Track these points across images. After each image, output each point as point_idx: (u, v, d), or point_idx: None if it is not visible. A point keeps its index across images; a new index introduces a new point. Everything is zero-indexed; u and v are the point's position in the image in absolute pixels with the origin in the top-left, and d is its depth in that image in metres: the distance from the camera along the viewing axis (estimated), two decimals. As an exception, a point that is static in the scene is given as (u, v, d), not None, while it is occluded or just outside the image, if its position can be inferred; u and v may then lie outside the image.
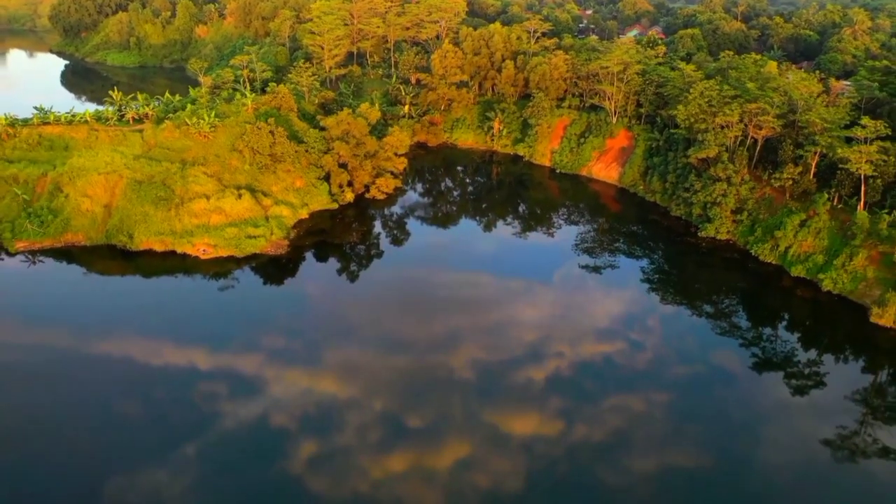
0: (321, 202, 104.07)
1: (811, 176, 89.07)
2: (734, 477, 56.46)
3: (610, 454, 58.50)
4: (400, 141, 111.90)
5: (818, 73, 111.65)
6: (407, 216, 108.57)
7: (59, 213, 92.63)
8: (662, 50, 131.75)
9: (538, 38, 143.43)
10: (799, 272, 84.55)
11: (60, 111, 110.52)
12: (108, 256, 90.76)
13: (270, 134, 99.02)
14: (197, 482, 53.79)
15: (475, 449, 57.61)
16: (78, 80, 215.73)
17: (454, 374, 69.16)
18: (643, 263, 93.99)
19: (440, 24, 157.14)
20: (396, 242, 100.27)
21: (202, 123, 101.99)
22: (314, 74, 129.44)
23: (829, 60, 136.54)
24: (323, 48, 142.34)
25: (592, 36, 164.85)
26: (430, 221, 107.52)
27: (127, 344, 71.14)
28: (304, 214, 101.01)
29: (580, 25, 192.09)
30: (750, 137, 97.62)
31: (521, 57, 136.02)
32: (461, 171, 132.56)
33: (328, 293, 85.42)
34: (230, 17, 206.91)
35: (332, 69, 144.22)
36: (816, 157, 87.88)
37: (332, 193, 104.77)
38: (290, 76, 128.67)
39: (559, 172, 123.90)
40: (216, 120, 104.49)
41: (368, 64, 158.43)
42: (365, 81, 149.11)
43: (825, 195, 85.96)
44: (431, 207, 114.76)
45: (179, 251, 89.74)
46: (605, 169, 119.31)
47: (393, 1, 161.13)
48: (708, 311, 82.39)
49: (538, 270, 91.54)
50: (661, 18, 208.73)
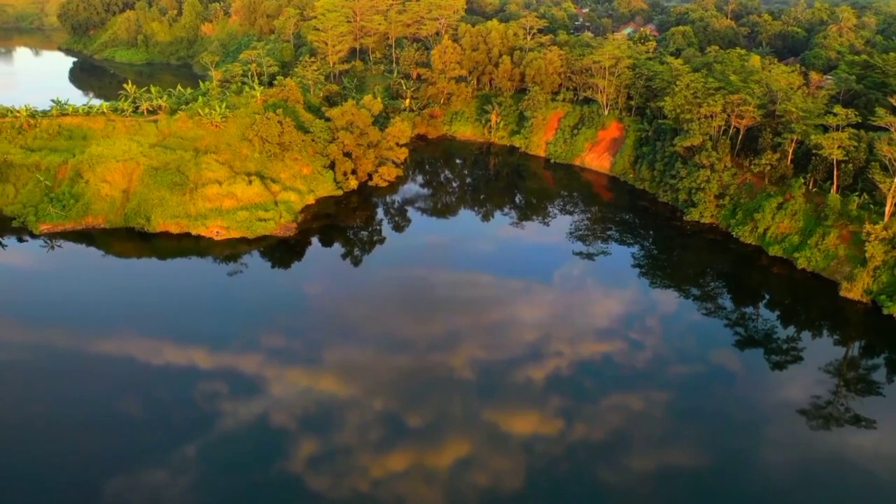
0: (327, 189, 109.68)
1: (788, 162, 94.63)
2: (716, 438, 60.88)
3: (600, 427, 63.80)
4: (401, 131, 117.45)
5: (799, 66, 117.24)
6: (408, 203, 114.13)
7: (79, 197, 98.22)
8: (653, 45, 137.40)
9: (534, 34, 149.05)
10: (776, 252, 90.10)
11: (76, 104, 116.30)
12: (126, 238, 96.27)
13: (279, 124, 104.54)
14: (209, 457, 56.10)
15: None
16: (86, 76, 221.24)
17: (452, 349, 74.81)
18: (633, 248, 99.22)
19: (440, 21, 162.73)
20: (398, 228, 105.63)
21: (214, 114, 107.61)
22: (319, 69, 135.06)
23: (813, 56, 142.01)
24: (327, 44, 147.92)
25: (587, 32, 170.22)
26: (429, 209, 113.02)
27: (144, 322, 76.83)
28: (310, 200, 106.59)
29: (576, 23, 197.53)
30: (732, 127, 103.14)
31: (517, 52, 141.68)
32: (460, 161, 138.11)
33: (333, 272, 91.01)
34: (235, 15, 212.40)
35: (335, 64, 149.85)
36: (793, 144, 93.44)
37: (336, 181, 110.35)
38: (296, 70, 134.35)
39: (553, 162, 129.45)
40: (227, 111, 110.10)
41: (371, 60, 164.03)
42: (367, 76, 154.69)
43: (801, 180, 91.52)
44: (431, 196, 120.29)
45: (194, 233, 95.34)
46: (597, 159, 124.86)
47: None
48: (695, 293, 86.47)
49: (534, 258, 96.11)
50: (655, 16, 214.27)
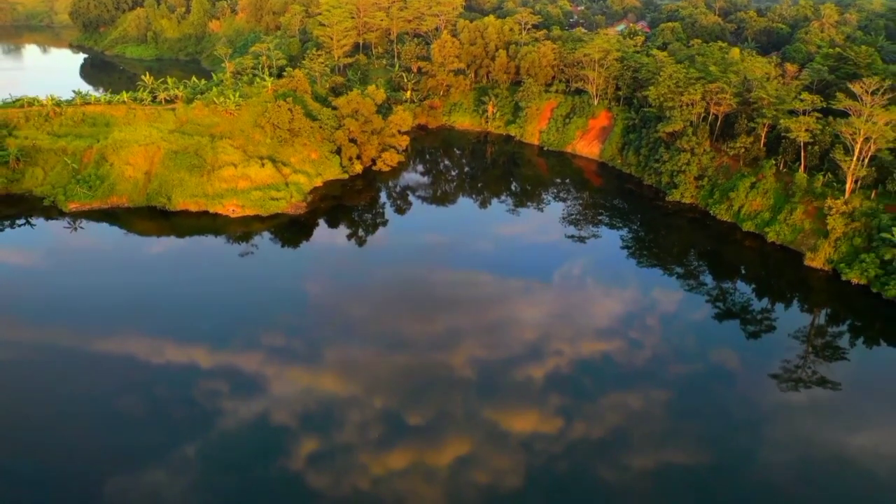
0: (333, 172, 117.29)
1: (761, 145, 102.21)
2: (692, 398, 67.43)
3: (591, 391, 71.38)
4: (403, 119, 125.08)
5: (776, 58, 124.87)
6: (409, 187, 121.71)
7: (105, 179, 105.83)
8: (641, 40, 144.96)
9: (529, 29, 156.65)
10: (749, 227, 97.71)
11: (97, 95, 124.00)
12: (148, 217, 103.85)
13: (289, 111, 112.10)
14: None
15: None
16: (96, 72, 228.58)
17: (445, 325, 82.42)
18: (622, 230, 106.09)
19: (440, 17, 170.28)
20: (400, 211, 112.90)
21: (228, 102, 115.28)
22: (325, 62, 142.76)
23: (794, 50, 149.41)
24: (332, 39, 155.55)
25: (579, 28, 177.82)
26: (430, 192, 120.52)
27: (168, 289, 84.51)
28: (318, 182, 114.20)
29: (571, 20, 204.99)
30: (711, 113, 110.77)
31: (512, 46, 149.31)
32: (458, 150, 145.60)
33: (339, 248, 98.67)
34: (242, 12, 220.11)
35: (340, 58, 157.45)
36: (765, 128, 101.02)
37: (342, 165, 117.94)
38: (303, 63, 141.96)
39: (546, 150, 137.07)
40: (240, 100, 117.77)
41: (373, 54, 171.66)
42: (370, 70, 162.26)
43: (772, 161, 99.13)
44: (431, 180, 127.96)
45: (212, 211, 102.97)
46: (587, 146, 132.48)
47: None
48: (678, 271, 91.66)
49: (529, 241, 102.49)
50: (647, 14, 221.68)
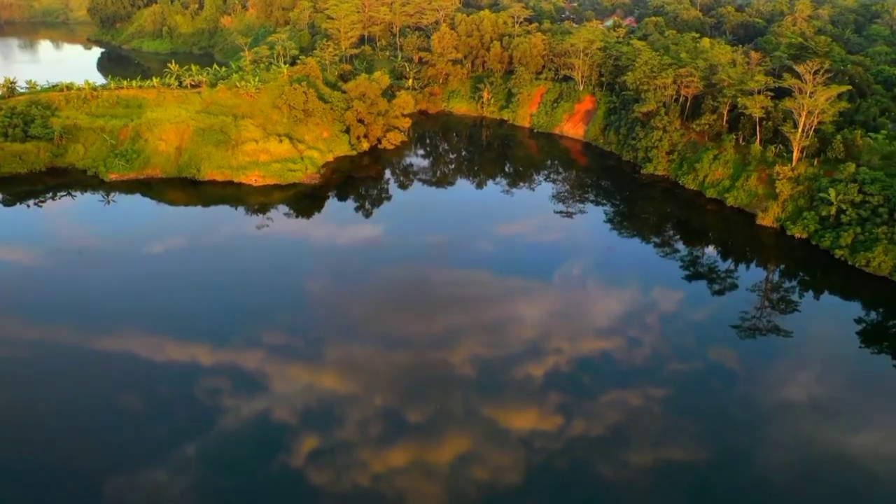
0: (343, 149, 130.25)
1: (723, 122, 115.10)
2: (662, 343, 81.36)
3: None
4: (406, 102, 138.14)
5: (741, 47, 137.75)
6: (411, 164, 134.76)
7: (140, 153, 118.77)
8: (623, 31, 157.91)
9: (521, 22, 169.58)
10: (712, 194, 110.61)
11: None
12: (179, 186, 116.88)
13: (303, 94, 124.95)
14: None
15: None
16: (113, 65, 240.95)
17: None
18: (603, 201, 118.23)
19: (439, 11, 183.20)
20: (402, 186, 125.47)
21: (249, 86, 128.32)
22: (334, 51, 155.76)
23: (765, 41, 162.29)
24: (340, 31, 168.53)
25: (567, 21, 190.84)
26: (430, 170, 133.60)
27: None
28: (329, 158, 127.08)
29: (562, 15, 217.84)
30: (681, 95, 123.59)
31: (506, 38, 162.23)
32: (456, 132, 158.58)
33: (348, 211, 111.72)
34: (252, 8, 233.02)
35: (347, 49, 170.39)
36: (727, 107, 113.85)
37: (351, 143, 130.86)
38: (314, 52, 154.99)
39: (536, 132, 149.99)
40: (259, 84, 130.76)
41: (378, 46, 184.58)
42: (375, 60, 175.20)
43: (732, 136, 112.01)
44: (431, 159, 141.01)
45: (236, 181, 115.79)
46: (573, 127, 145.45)
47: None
48: (655, 240, 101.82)
49: (519, 214, 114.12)
50: (635, 10, 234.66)
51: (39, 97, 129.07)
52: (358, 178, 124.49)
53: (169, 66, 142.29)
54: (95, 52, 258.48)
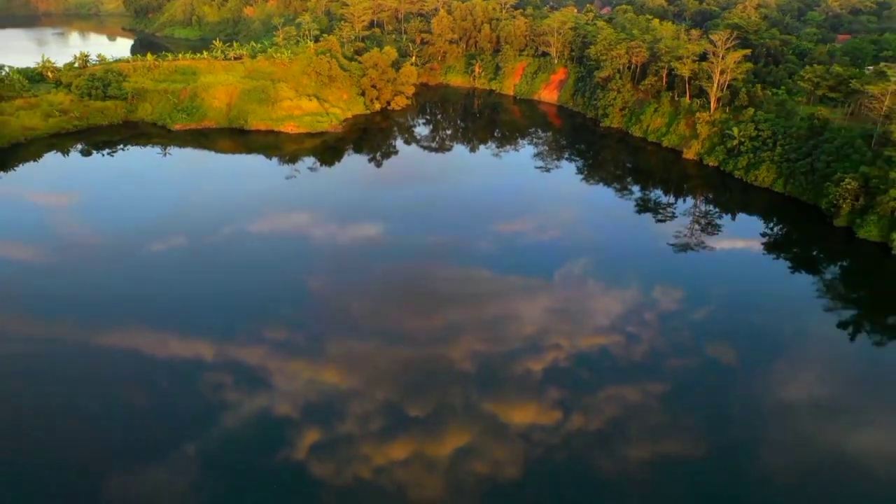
0: (359, 109, 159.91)
1: (662, 82, 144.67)
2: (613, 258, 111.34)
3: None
4: (410, 72, 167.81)
5: (683, 25, 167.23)
6: (413, 122, 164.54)
7: (198, 109, 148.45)
8: (592, 15, 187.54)
9: (507, 8, 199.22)
10: (652, 138, 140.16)
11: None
12: (229, 135, 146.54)
13: (328, 63, 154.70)
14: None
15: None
16: (145, 50, 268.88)
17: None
18: (573, 150, 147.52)
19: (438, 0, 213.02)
20: (407, 141, 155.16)
21: (283, 56, 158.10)
22: (350, 31, 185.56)
23: (713, 25, 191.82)
24: (354, 15, 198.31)
25: (547, 7, 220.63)
26: (429, 128, 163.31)
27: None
28: (349, 115, 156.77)
29: (546, 3, 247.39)
30: (632, 63, 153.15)
31: (494, 21, 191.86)
32: (452, 100, 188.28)
33: (363, 156, 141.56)
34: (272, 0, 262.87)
35: (360, 31, 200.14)
36: (665, 70, 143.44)
37: (365, 104, 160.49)
38: (334, 32, 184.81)
39: (519, 99, 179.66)
40: (291, 55, 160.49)
41: (385, 30, 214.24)
42: (383, 40, 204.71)
43: (668, 93, 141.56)
44: (431, 120, 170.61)
45: (276, 129, 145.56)
46: (549, 94, 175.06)
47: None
48: (615, 186, 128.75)
49: (505, 170, 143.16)
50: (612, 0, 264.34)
51: (111, 66, 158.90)
52: (371, 130, 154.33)
53: (214, 42, 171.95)
54: (128, 40, 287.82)
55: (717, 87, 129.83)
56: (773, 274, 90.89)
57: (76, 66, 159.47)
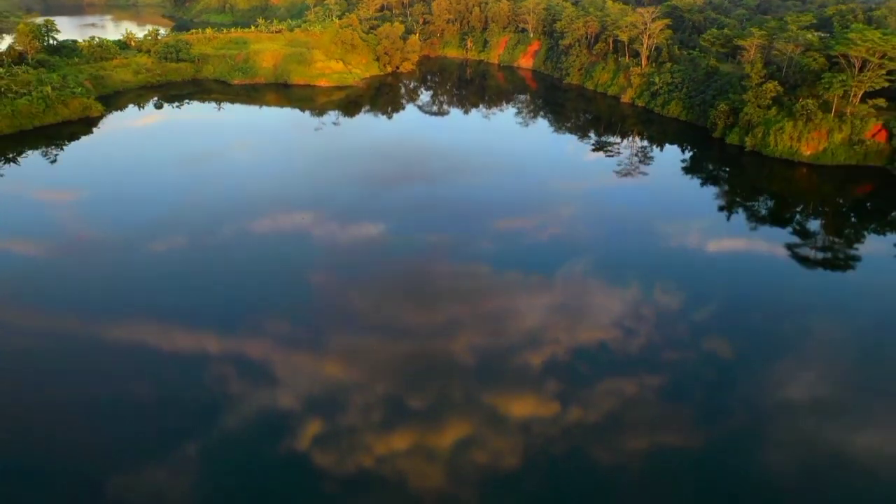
0: (374, 71, 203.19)
1: (609, 47, 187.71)
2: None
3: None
4: (415, 43, 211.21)
5: (631, 5, 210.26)
6: (417, 83, 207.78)
7: (251, 68, 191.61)
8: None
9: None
10: (601, 90, 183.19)
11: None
12: (275, 89, 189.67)
13: (350, 34, 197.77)
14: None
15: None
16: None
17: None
18: (543, 106, 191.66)
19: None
20: (411, 98, 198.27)
21: (315, 29, 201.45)
22: (365, 13, 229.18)
23: (667, 6, 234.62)
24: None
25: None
26: (430, 88, 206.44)
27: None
28: (367, 75, 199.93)
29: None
30: (588, 33, 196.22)
31: (483, 4, 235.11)
32: (449, 68, 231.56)
33: (379, 108, 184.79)
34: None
35: (373, 13, 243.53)
36: (611, 38, 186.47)
37: (380, 67, 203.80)
38: (354, 11, 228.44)
39: (503, 66, 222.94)
40: (322, 28, 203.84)
41: (393, 13, 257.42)
42: (392, 20, 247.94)
43: (613, 55, 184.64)
44: (431, 82, 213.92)
45: (312, 84, 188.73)
46: (526, 62, 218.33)
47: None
48: (577, 134, 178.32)
49: (493, 128, 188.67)
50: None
51: (179, 37, 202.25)
52: (384, 87, 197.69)
53: (259, 20, 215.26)
54: (168, 25, 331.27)
55: (646, 48, 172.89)
56: (676, 170, 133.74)
57: (149, 38, 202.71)
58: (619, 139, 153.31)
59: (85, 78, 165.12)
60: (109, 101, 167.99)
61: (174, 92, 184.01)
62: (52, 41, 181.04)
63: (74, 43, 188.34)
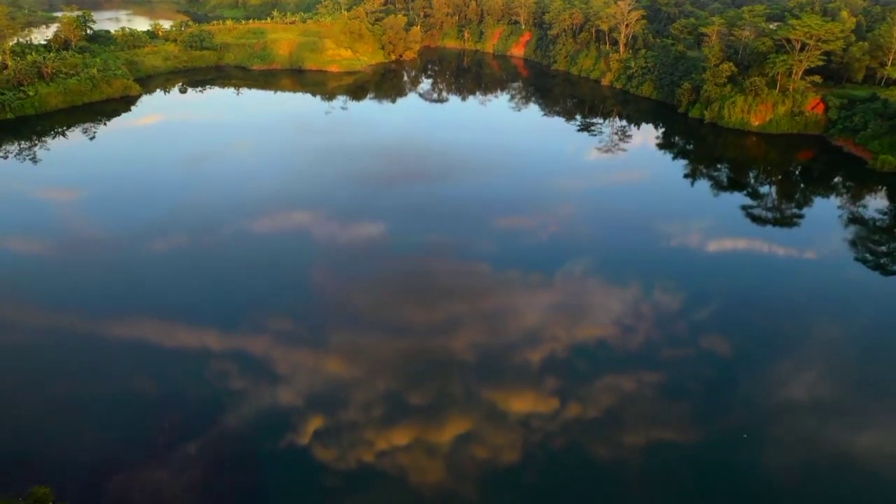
0: (380, 59, 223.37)
1: (592, 36, 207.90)
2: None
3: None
4: (417, 33, 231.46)
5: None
6: (418, 70, 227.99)
7: (269, 55, 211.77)
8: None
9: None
10: (584, 74, 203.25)
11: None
12: (290, 74, 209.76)
13: (358, 25, 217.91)
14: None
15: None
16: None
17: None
18: (533, 90, 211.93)
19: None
20: (413, 83, 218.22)
21: (326, 20, 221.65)
22: (370, 6, 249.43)
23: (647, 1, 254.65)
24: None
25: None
26: (430, 74, 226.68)
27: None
28: (373, 62, 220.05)
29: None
30: (573, 24, 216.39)
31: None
32: (447, 57, 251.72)
33: (385, 89, 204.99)
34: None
35: (378, 6, 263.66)
36: (594, 27, 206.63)
37: (385, 55, 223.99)
38: (361, 5, 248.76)
39: (497, 55, 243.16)
40: (332, 19, 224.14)
41: (396, 7, 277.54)
42: (396, 13, 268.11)
43: (596, 43, 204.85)
44: (431, 69, 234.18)
45: (324, 69, 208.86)
46: (519, 51, 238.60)
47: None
48: (562, 114, 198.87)
49: (487, 115, 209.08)
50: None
51: (203, 27, 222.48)
52: (389, 72, 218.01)
53: (273, 12, 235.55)
54: (184, 19, 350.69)
55: (623, 36, 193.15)
56: (650, 141, 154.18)
57: (175, 28, 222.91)
58: (601, 119, 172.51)
59: (122, 63, 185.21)
60: (143, 83, 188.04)
61: (199, 77, 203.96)
62: (89, 31, 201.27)
63: (108, 33, 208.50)
